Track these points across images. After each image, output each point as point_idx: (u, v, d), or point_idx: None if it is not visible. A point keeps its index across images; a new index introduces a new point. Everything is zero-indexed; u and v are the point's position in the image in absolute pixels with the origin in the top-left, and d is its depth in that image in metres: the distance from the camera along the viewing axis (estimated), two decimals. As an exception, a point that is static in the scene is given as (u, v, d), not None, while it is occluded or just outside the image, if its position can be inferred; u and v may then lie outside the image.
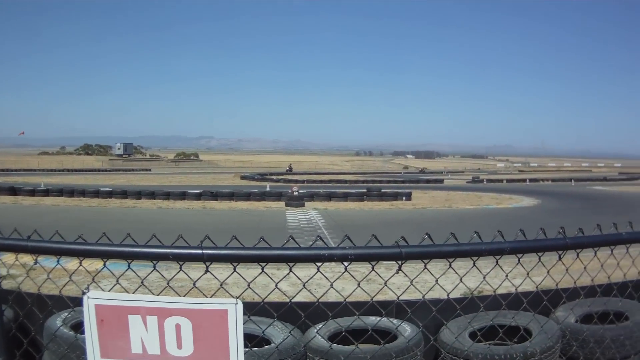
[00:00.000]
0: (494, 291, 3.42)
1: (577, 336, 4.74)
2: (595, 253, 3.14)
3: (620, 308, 5.03)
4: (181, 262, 2.25)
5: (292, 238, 2.38)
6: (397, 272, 2.39)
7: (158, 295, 2.20)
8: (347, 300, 2.98)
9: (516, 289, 3.50)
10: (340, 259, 2.20)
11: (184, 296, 2.24)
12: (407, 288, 2.81)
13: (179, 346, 2.17)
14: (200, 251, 2.17)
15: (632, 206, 38.36)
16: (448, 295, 3.10)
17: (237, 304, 2.15)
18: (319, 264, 2.27)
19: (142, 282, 2.57)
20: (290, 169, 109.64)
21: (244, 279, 2.53)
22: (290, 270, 2.29)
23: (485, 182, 76.71)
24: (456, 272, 2.67)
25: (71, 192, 41.51)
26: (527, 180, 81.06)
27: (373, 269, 2.36)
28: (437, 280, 2.78)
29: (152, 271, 2.43)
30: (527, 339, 4.51)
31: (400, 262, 2.32)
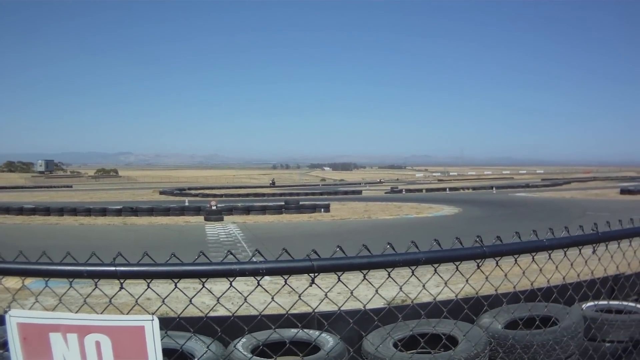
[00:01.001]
0: (412, 301, 3.55)
1: (504, 342, 4.85)
2: (516, 260, 3.26)
3: (550, 313, 5.16)
4: (96, 280, 2.31)
5: (203, 253, 2.47)
6: (311, 285, 2.49)
7: (76, 312, 2.25)
8: (263, 313, 3.09)
9: (434, 298, 3.65)
10: (252, 273, 2.31)
11: (101, 313, 2.30)
12: (322, 300, 2.93)
13: (100, 363, 2.23)
14: (113, 268, 2.25)
15: (556, 212, 39.63)
16: (364, 306, 3.21)
17: (153, 320, 2.24)
18: (231, 278, 2.36)
19: (60, 300, 2.62)
20: (273, 182, 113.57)
21: (158, 295, 2.61)
22: (203, 286, 2.39)
23: (404, 192, 78.72)
24: (371, 284, 2.81)
25: (-4, 209, 43.10)
26: (447, 189, 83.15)
27: (286, 283, 2.47)
28: (352, 292, 2.92)
29: (68, 289, 2.49)
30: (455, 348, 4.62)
31: (312, 275, 2.43)
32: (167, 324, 3.18)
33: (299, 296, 2.77)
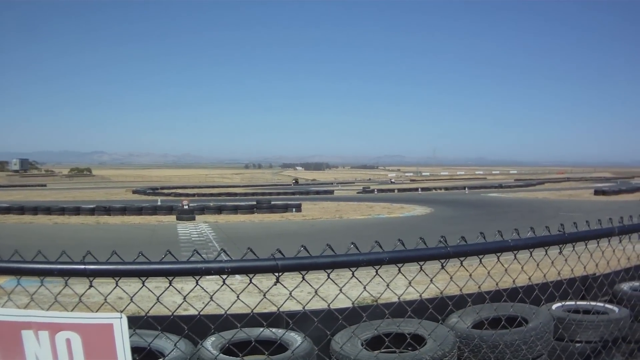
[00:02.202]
0: (376, 301, 3.61)
1: (470, 342, 4.87)
2: (480, 260, 3.30)
3: (517, 313, 5.19)
4: (66, 278, 2.37)
5: (170, 252, 2.55)
6: (275, 284, 2.57)
7: (47, 310, 2.30)
8: (232, 313, 3.14)
9: (399, 298, 3.68)
10: (217, 272, 2.39)
11: (72, 311, 2.36)
12: (286, 299, 3.01)
13: (71, 361, 2.28)
14: (82, 266, 2.32)
15: (528, 212, 40.12)
16: (329, 305, 3.28)
17: (121, 318, 2.30)
18: (197, 277, 2.43)
19: (31, 298, 2.67)
20: (296, 181, 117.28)
21: (127, 294, 2.67)
22: (170, 284, 2.46)
23: (376, 192, 79.13)
24: (334, 282, 2.89)
25: (-29, 209, 43.71)
26: (419, 190, 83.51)
27: (251, 282, 2.55)
28: (316, 291, 2.99)
29: (39, 287, 2.54)
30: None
31: (277, 274, 2.50)
32: (138, 322, 3.24)
33: (264, 295, 2.84)
